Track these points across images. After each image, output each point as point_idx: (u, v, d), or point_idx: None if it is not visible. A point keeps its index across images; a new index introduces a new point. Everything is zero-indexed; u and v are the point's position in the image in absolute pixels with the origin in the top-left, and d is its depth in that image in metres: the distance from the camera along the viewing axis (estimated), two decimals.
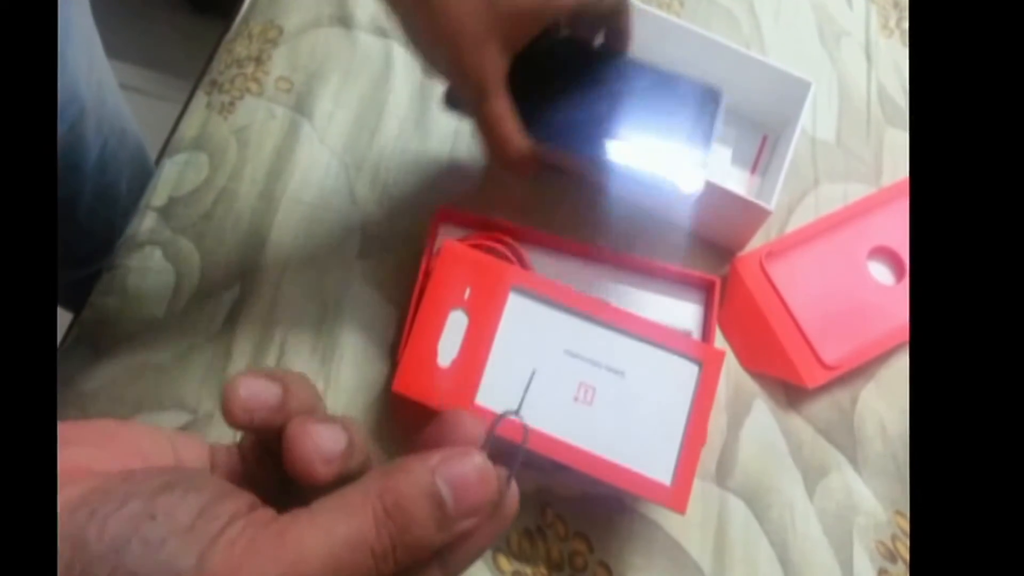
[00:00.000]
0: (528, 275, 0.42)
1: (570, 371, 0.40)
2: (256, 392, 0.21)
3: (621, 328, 0.41)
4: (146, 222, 0.50)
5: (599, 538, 0.43)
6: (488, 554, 0.42)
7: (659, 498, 0.39)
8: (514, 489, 0.22)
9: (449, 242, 0.42)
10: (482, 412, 0.39)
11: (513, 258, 0.47)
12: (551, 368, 0.40)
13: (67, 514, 0.18)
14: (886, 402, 0.48)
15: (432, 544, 0.20)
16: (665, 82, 0.46)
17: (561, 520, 0.44)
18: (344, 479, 0.21)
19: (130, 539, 0.17)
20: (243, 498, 0.19)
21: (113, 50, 0.58)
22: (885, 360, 0.49)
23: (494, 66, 0.34)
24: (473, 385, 0.40)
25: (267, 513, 0.19)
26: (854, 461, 0.47)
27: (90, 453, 0.20)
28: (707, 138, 0.45)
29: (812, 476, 0.46)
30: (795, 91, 0.51)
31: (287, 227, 0.49)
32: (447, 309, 0.41)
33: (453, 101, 0.41)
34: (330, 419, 0.22)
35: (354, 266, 0.49)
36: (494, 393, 0.40)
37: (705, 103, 0.50)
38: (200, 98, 0.54)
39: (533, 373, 0.40)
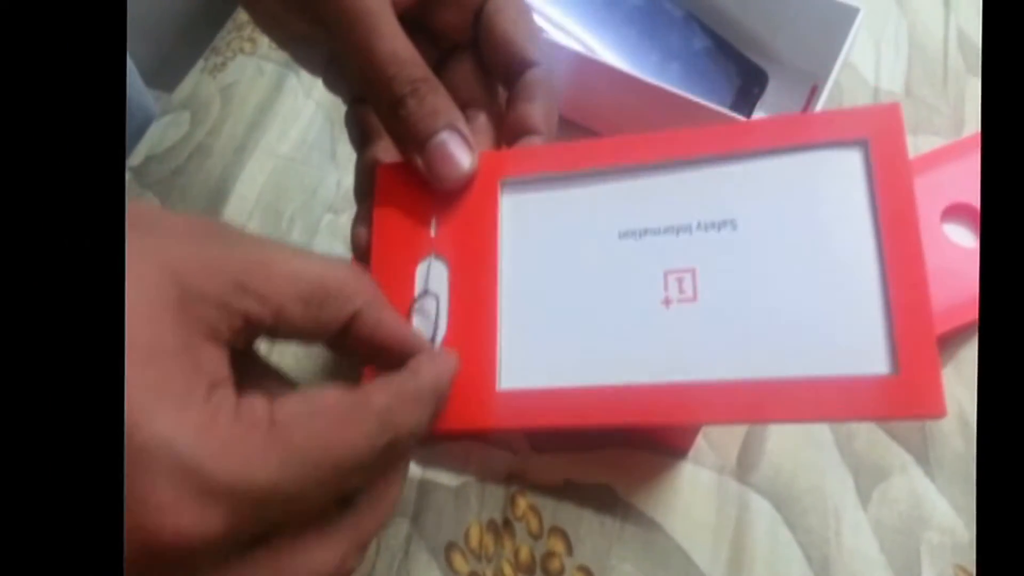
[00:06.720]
0: (516, 154, 0.26)
1: (639, 262, 0.23)
2: None
3: (698, 157, 0.24)
4: None
5: (581, 537, 0.35)
6: (440, 551, 0.35)
7: (888, 406, 0.20)
8: None
9: (384, 165, 0.26)
10: (513, 398, 0.23)
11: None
12: (607, 278, 0.23)
13: None
14: (968, 389, 0.38)
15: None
16: (715, 49, 0.46)
17: (535, 512, 0.35)
18: None
19: None
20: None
21: None
22: (967, 337, 0.39)
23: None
24: (487, 363, 0.23)
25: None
26: (924, 461, 0.36)
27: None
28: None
29: (867, 477, 0.36)
30: (843, 22, 0.43)
31: (255, 180, 0.45)
32: (410, 263, 0.25)
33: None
34: None
35: (322, 220, 0.44)
36: (524, 362, 0.23)
37: (751, 84, 0.46)
38: (198, 65, 0.52)
39: None
